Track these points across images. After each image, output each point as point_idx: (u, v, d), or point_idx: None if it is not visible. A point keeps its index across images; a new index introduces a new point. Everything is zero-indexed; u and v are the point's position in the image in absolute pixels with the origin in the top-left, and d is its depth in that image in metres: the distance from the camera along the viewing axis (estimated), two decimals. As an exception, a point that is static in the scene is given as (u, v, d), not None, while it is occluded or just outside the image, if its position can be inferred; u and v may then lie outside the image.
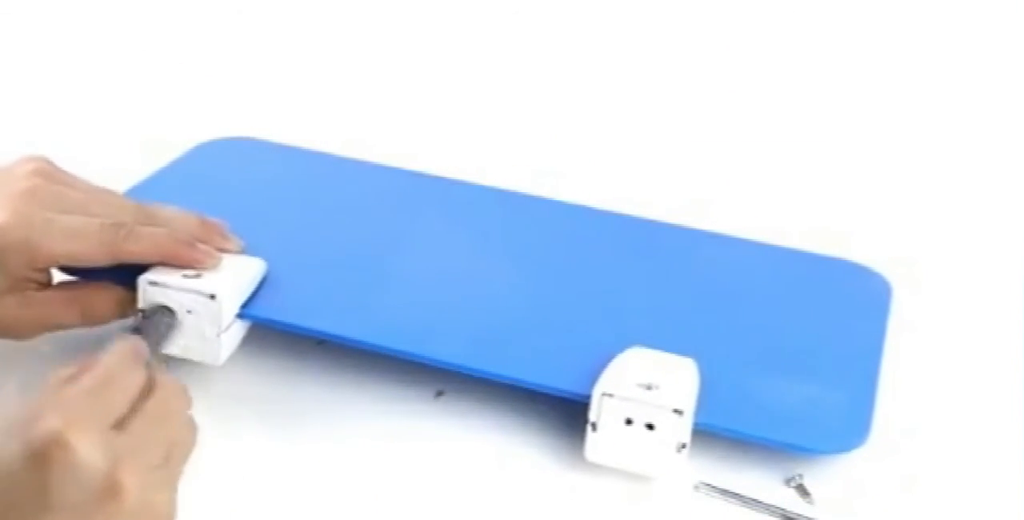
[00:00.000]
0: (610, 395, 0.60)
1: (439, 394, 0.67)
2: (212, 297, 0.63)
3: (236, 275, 0.66)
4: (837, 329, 0.70)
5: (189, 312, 0.63)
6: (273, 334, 0.68)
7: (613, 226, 0.78)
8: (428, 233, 0.75)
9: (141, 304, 0.64)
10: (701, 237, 0.77)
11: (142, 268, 0.64)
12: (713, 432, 0.62)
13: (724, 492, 0.62)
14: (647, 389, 0.60)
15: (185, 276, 0.64)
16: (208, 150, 0.83)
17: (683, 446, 0.60)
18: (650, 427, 0.60)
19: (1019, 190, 0.91)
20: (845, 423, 0.63)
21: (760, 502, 0.61)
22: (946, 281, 0.80)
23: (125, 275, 0.64)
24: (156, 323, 0.62)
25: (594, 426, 0.61)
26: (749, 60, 1.05)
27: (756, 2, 1.11)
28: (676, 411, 0.59)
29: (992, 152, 0.95)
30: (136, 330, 0.61)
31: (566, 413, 0.64)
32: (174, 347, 0.64)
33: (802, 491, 0.62)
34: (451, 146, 0.91)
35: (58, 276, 0.66)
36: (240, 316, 0.65)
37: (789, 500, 0.61)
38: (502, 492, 0.62)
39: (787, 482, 0.62)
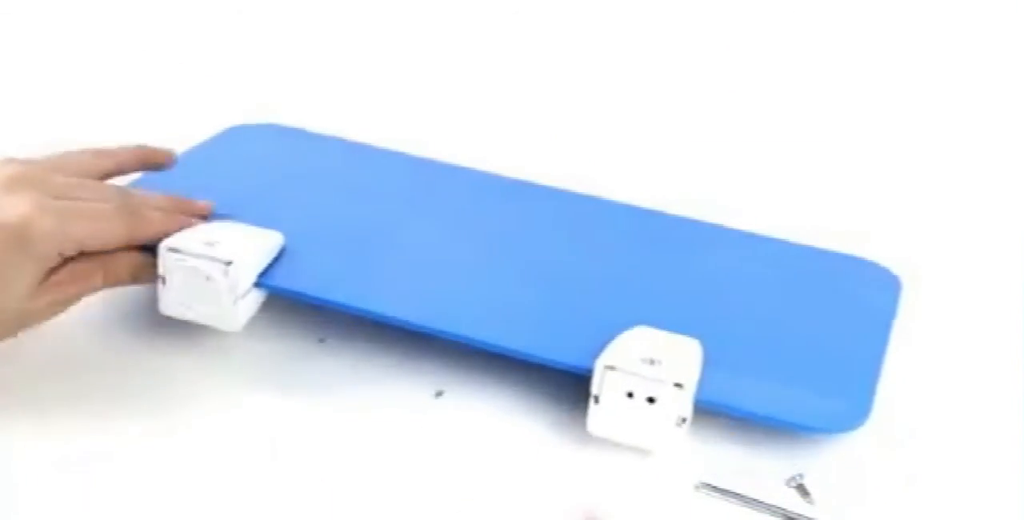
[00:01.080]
0: (612, 368, 0.61)
1: (439, 394, 0.67)
2: (229, 264, 0.65)
3: (253, 244, 0.67)
4: (843, 320, 0.71)
5: (207, 279, 0.65)
6: (272, 334, 0.69)
7: (629, 218, 0.78)
8: (446, 217, 0.77)
9: (160, 270, 0.66)
10: (713, 231, 0.78)
11: None
12: (714, 409, 0.63)
13: (724, 492, 0.61)
14: (650, 364, 0.61)
15: (205, 243, 0.66)
16: (233, 135, 0.84)
17: (683, 420, 0.61)
18: (651, 401, 0.61)
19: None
20: (845, 404, 0.63)
21: (761, 502, 0.61)
22: (957, 279, 0.80)
23: None
24: None
25: (596, 399, 0.61)
26: (765, 64, 1.06)
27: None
28: (677, 385, 0.60)
29: (1004, 154, 0.95)
30: None
31: (572, 393, 0.64)
32: (193, 313, 0.66)
33: (802, 491, 0.62)
34: (473, 137, 0.92)
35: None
36: (257, 285, 0.67)
37: (789, 500, 0.61)
38: (502, 468, 0.63)
39: (787, 482, 0.62)
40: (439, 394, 0.67)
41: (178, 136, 0.82)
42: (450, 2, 1.10)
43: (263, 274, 0.67)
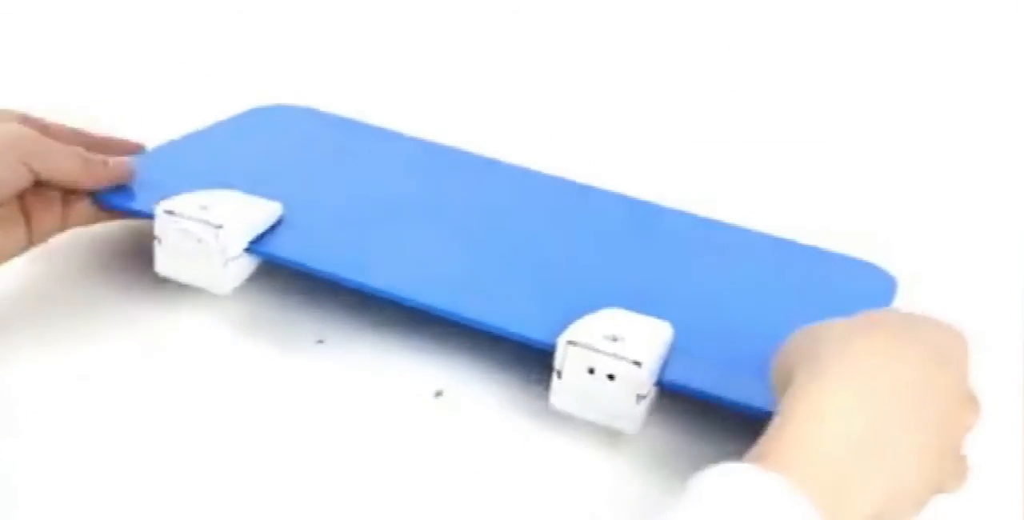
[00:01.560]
0: (574, 343, 0.62)
1: (438, 394, 0.68)
2: (219, 227, 0.67)
3: (247, 211, 0.70)
4: (831, 315, 0.70)
5: (199, 241, 0.67)
6: (271, 335, 0.70)
7: (626, 210, 0.79)
8: (447, 200, 0.78)
9: (156, 231, 0.68)
10: (709, 226, 0.78)
11: None
12: (678, 391, 0.63)
13: None
14: (612, 340, 0.62)
15: (200, 207, 0.68)
16: (255, 115, 0.87)
17: (641, 398, 0.62)
18: (611, 377, 0.62)
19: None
20: None
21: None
22: (957, 281, 0.79)
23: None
24: None
25: (559, 374, 0.63)
26: (769, 63, 1.06)
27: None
28: (635, 363, 0.61)
29: (1004, 156, 0.94)
30: None
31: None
32: (185, 274, 0.69)
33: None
34: (490, 126, 0.93)
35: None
36: (248, 251, 0.69)
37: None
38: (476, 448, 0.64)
39: None
40: (438, 394, 0.67)
41: (200, 123, 0.84)
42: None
43: (256, 241, 0.69)
